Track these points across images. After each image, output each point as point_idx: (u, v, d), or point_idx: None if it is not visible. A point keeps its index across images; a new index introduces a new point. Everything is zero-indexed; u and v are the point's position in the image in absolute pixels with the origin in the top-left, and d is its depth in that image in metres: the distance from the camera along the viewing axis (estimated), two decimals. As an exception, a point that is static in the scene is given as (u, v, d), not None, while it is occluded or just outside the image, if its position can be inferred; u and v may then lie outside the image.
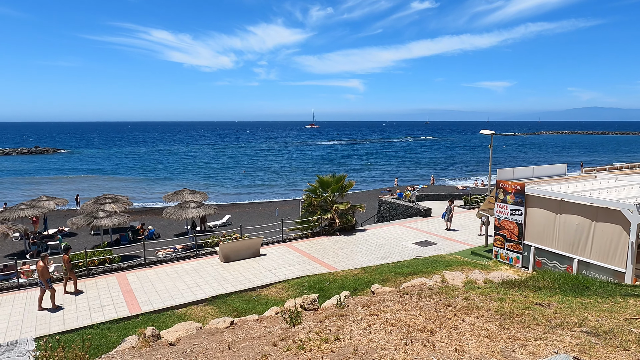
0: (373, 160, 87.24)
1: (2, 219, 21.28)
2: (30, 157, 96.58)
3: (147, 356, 5.63)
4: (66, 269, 14.48)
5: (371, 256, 18.28)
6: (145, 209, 38.45)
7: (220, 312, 12.53)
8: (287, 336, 5.58)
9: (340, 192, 23.11)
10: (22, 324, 12.32)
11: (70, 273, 14.54)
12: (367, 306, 6.87)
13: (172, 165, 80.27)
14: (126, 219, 22.46)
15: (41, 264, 13.32)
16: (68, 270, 14.49)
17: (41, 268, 13.21)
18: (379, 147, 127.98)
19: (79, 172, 68.89)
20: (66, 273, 14.59)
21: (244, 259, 17.95)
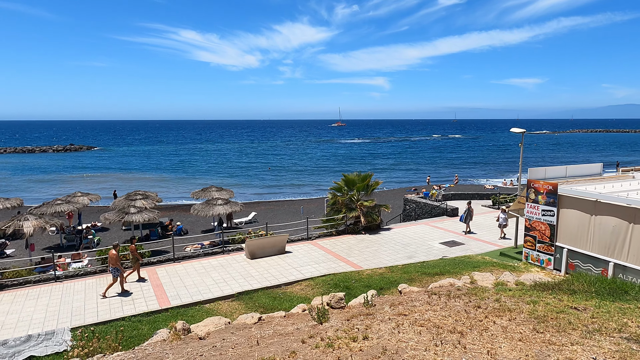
0: (399, 159, 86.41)
1: (40, 213, 22.17)
2: (65, 154, 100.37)
3: (178, 349, 5.76)
4: (133, 258, 15.34)
5: (397, 255, 18.12)
6: (173, 206, 39.33)
7: (247, 308, 12.70)
8: (315, 334, 5.59)
9: (365, 190, 22.99)
10: (59, 314, 12.81)
11: (136, 263, 15.42)
12: (395, 306, 6.80)
13: (199, 163, 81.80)
14: (156, 215, 23.03)
15: (113, 252, 14.16)
16: (135, 260, 15.35)
17: (114, 256, 14.04)
18: (405, 145, 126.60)
19: (110, 170, 71.13)
20: (134, 262, 15.46)
21: (270, 256, 18.11)
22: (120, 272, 14.22)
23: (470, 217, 21.14)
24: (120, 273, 14.22)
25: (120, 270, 14.20)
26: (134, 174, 64.95)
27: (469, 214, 21.05)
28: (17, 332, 11.57)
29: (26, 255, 20.81)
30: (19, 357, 10.13)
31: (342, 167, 70.63)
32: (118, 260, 14.10)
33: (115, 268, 14.09)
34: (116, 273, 14.16)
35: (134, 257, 15.42)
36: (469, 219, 21.05)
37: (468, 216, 21.04)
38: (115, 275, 14.18)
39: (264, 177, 61.32)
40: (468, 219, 21.04)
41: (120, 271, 14.23)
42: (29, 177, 61.14)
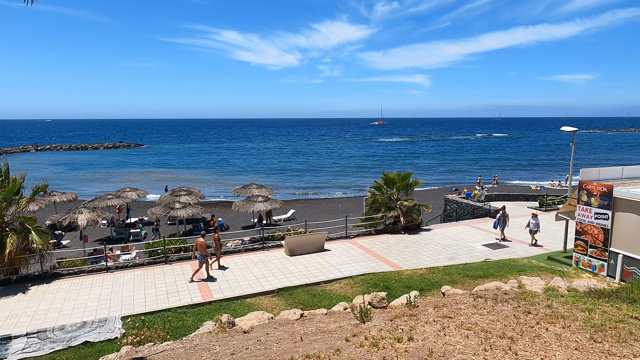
0: (440, 158, 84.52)
1: (93, 207, 23.42)
2: (115, 150, 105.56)
3: (224, 342, 5.91)
4: (216, 247, 16.16)
5: (437, 256, 17.75)
6: (215, 202, 40.40)
7: (287, 304, 12.85)
8: (358, 332, 5.57)
9: (405, 190, 22.65)
10: (110, 303, 13.49)
11: (218, 251, 16.23)
12: (439, 308, 6.66)
13: (238, 160, 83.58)
14: (199, 211, 23.74)
15: (201, 240, 15.00)
16: (218, 248, 16.18)
17: (202, 243, 14.91)
18: (446, 144, 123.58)
19: (155, 166, 74.08)
20: (217, 250, 16.29)
21: (309, 253, 18.23)
22: (206, 259, 15.12)
23: (506, 223, 19.67)
24: (206, 260, 15.12)
25: (206, 257, 15.10)
26: (177, 171, 67.30)
27: (503, 220, 19.59)
28: (73, 319, 12.28)
29: (80, 246, 22.06)
30: (75, 341, 10.76)
31: (381, 166, 70.00)
32: (205, 248, 15.00)
33: (202, 255, 15.00)
34: (202, 260, 15.03)
35: (217, 246, 16.27)
36: (503, 225, 19.59)
37: (503, 222, 19.55)
38: (201, 262, 15.09)
39: (302, 176, 61.79)
40: (503, 225, 19.56)
41: (207, 258, 15.13)
42: (82, 173, 64.78)
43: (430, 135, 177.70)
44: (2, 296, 14.02)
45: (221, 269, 16.34)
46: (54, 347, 10.52)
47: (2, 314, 12.67)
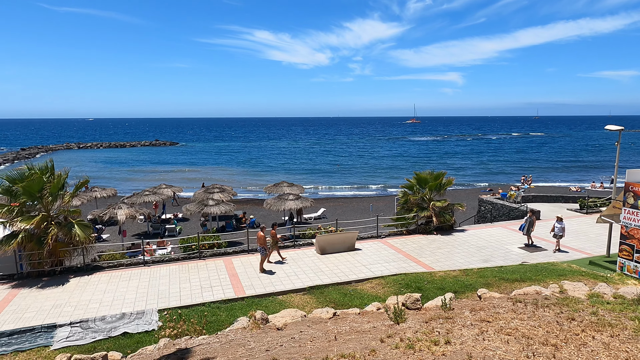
0: (474, 158, 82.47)
1: (131, 203, 24.25)
2: (152, 148, 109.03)
3: (259, 338, 5.97)
4: (273, 242, 16.66)
5: (471, 258, 17.32)
6: (246, 199, 41.00)
7: (318, 302, 12.87)
8: (393, 333, 5.50)
9: (438, 189, 22.22)
10: (147, 296, 13.91)
11: (275, 246, 16.77)
12: (476, 311, 6.48)
13: (270, 159, 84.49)
14: (231, 208, 24.15)
15: (261, 234, 15.77)
16: (274, 243, 16.71)
17: (262, 237, 15.66)
18: (480, 143, 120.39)
19: (189, 164, 75.99)
20: (274, 245, 16.80)
21: (339, 252, 18.19)
22: (265, 252, 15.82)
23: (532, 227, 18.59)
24: (265, 252, 15.78)
25: (265, 250, 15.78)
26: (210, 169, 68.76)
27: (530, 225, 18.56)
28: (113, 310, 12.76)
29: (119, 240, 22.90)
30: (115, 332, 11.18)
31: (412, 165, 69.04)
32: (265, 241, 15.71)
33: (262, 247, 15.72)
34: (263, 252, 15.80)
35: (274, 241, 16.74)
36: (530, 230, 18.59)
37: (530, 227, 18.54)
38: (263, 254, 15.84)
39: (333, 174, 61.80)
40: (529, 229, 18.56)
41: (266, 251, 15.80)
42: (121, 170, 67.26)
43: (464, 134, 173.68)
44: (47, 286, 14.74)
45: (278, 263, 16.80)
46: (95, 337, 10.97)
47: (47, 303, 13.32)
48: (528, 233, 18.64)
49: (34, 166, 16.56)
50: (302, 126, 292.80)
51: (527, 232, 18.64)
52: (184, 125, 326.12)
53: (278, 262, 16.90)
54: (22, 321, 12.06)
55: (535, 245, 18.67)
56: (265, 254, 15.92)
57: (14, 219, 15.42)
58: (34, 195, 15.82)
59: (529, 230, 18.57)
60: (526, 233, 18.67)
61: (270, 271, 15.98)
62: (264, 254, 15.91)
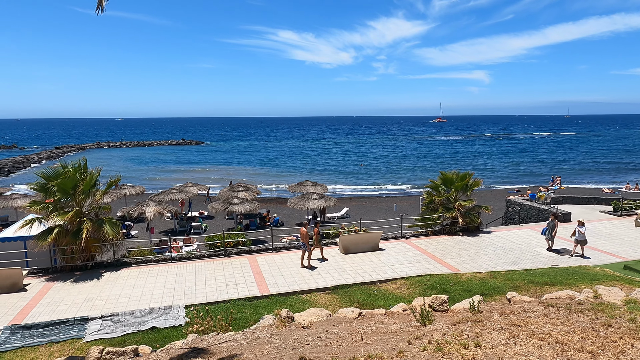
0: (501, 158, 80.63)
1: (158, 200, 24.81)
2: (178, 147, 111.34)
3: (285, 336, 6.00)
4: (315, 239, 16.84)
5: (498, 260, 16.94)
6: (270, 198, 41.32)
7: (342, 302, 12.84)
8: (420, 335, 5.42)
9: (464, 190, 21.82)
10: (174, 292, 14.20)
11: (317, 244, 16.95)
12: (506, 315, 6.32)
13: (293, 158, 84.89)
14: (256, 206, 24.39)
15: (303, 229, 16.01)
16: (316, 241, 16.89)
17: (304, 233, 15.87)
18: (508, 143, 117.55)
19: (214, 163, 77.21)
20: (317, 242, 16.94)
21: (363, 252, 18.10)
22: (307, 248, 16.04)
23: (554, 232, 17.77)
24: (306, 248, 16.06)
25: (308, 246, 16.09)
26: (234, 168, 69.66)
27: (552, 228, 17.64)
28: (141, 305, 13.08)
29: (147, 237, 23.46)
30: (144, 326, 11.46)
31: (438, 165, 68.11)
32: (307, 237, 15.99)
33: (304, 243, 16.03)
34: (305, 248, 16.10)
35: (317, 238, 16.90)
36: (551, 234, 17.79)
37: (551, 231, 17.77)
38: (305, 249, 16.16)
39: (356, 174, 61.60)
40: (550, 233, 17.78)
41: (308, 247, 16.09)
42: (149, 168, 68.94)
43: (491, 133, 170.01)
44: (80, 280, 15.25)
45: (321, 261, 16.97)
46: (125, 331, 11.27)
47: (80, 297, 13.77)
48: (550, 237, 17.90)
49: (68, 164, 17.15)
50: (325, 125, 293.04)
51: (549, 237, 17.93)
52: (209, 124, 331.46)
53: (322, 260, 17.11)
54: (56, 314, 12.52)
55: (559, 250, 17.92)
56: (307, 249, 16.18)
57: (50, 215, 16.01)
58: (67, 193, 16.38)
59: (550, 234, 17.84)
60: (548, 237, 17.95)
61: (312, 266, 16.28)
62: (305, 249, 16.18)
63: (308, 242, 16.18)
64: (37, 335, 11.12)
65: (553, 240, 17.93)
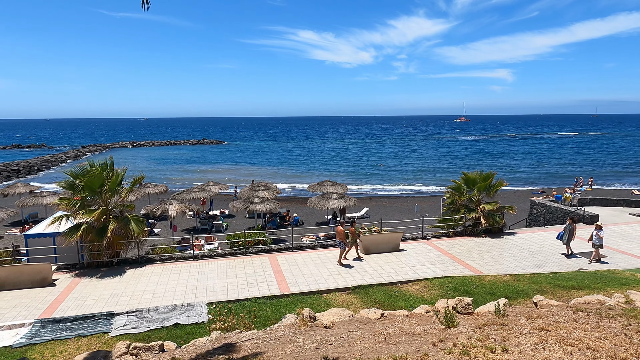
0: (525, 158, 78.91)
1: (181, 199, 25.22)
2: (199, 147, 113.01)
3: (307, 335, 6.01)
4: (352, 238, 16.99)
5: (522, 263, 16.59)
6: (290, 197, 41.49)
7: (363, 302, 12.79)
8: (445, 338, 5.35)
9: (487, 191, 21.45)
10: (196, 289, 14.40)
11: (354, 243, 17.09)
12: (533, 319, 6.18)
13: (312, 158, 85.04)
14: (276, 206, 24.53)
15: (340, 228, 16.35)
16: (353, 239, 17.03)
17: (341, 232, 16.23)
18: (533, 143, 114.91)
19: (234, 162, 78.03)
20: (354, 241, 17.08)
21: (384, 252, 17.99)
22: (343, 246, 16.28)
23: (572, 237, 17.05)
24: (343, 247, 16.24)
25: (344, 245, 16.27)
26: (254, 167, 70.23)
27: (569, 234, 16.91)
28: (165, 301, 13.31)
29: (170, 235, 23.89)
30: (168, 322, 11.67)
31: (459, 165, 67.16)
32: (344, 236, 16.22)
33: (341, 242, 16.24)
34: (342, 246, 16.30)
35: (353, 238, 17.00)
36: (569, 239, 17.03)
37: (568, 236, 16.93)
38: (342, 248, 16.32)
39: (375, 174, 61.30)
40: (569, 238, 17.02)
41: (344, 245, 16.27)
42: (171, 167, 70.18)
43: (515, 133, 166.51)
44: (105, 276, 15.63)
45: (358, 260, 17.04)
46: (149, 326, 11.50)
47: (106, 292, 14.12)
48: (567, 243, 17.12)
49: (95, 163, 17.60)
50: (345, 125, 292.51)
51: (566, 242, 17.13)
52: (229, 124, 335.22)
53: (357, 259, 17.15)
54: (83, 308, 12.87)
55: (577, 256, 17.19)
56: (344, 248, 16.32)
57: (77, 212, 16.48)
58: (94, 190, 16.80)
59: (568, 239, 17.07)
60: (565, 243, 17.16)
61: (348, 265, 16.39)
62: (343, 248, 16.32)
63: (345, 241, 16.32)
64: (66, 329, 11.45)
65: (569, 245, 17.19)
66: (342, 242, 16.34)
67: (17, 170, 58.21)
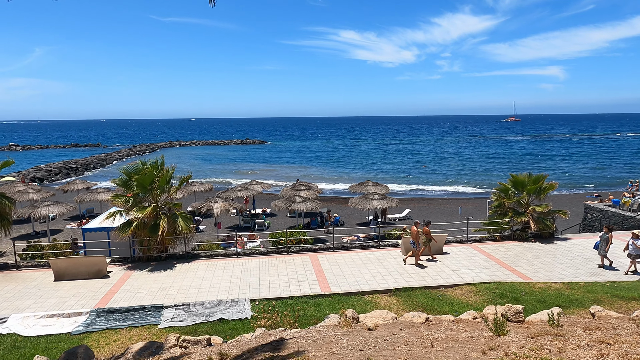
0: (579, 159, 74.71)
1: (225, 197, 25.90)
2: (242, 146, 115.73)
3: (351, 337, 5.98)
4: (426, 239, 16.99)
5: (576, 270, 15.72)
6: (331, 197, 41.56)
7: (405, 305, 12.60)
8: (495, 346, 5.15)
9: (537, 194, 20.51)
10: (240, 286, 14.74)
11: (428, 243, 17.05)
12: (591, 330, 5.82)
13: (353, 157, 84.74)
14: (317, 205, 24.65)
15: (414, 228, 16.45)
16: (428, 240, 17.04)
17: (415, 232, 16.32)
18: (589, 143, 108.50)
19: (276, 161, 79.22)
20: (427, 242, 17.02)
21: (426, 255, 17.62)
22: (417, 247, 16.28)
23: (607, 246, 15.71)
24: (417, 247, 16.29)
25: (417, 245, 16.35)
26: (295, 167, 70.96)
27: (605, 242, 15.66)
28: (210, 296, 13.73)
29: (214, 232, 24.60)
30: (213, 317, 12.02)
31: (507, 166, 64.65)
32: (417, 236, 16.27)
33: (414, 242, 16.26)
34: (415, 246, 16.32)
35: (428, 239, 16.92)
36: (604, 249, 15.75)
37: (604, 245, 15.68)
38: (415, 248, 16.35)
39: (418, 175, 60.19)
40: (604, 248, 15.71)
41: (418, 246, 16.34)
42: (216, 165, 72.34)
43: (567, 133, 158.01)
44: (155, 270, 16.34)
45: (432, 261, 16.94)
46: (195, 320, 11.90)
47: (155, 286, 14.75)
48: (603, 253, 15.85)
49: (146, 161, 18.43)
50: (387, 125, 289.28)
51: (602, 252, 15.86)
52: (272, 124, 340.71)
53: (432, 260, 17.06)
54: (134, 300, 13.51)
55: (614, 268, 15.87)
56: (416, 248, 16.25)
57: (130, 209, 17.33)
58: (145, 188, 17.60)
59: (604, 249, 15.77)
60: (601, 253, 15.91)
61: (421, 265, 16.36)
62: (415, 248, 16.26)
63: (418, 241, 16.24)
64: (119, 319, 12.07)
65: (606, 255, 15.97)
66: (415, 242, 16.25)
67: (75, 168, 62.05)
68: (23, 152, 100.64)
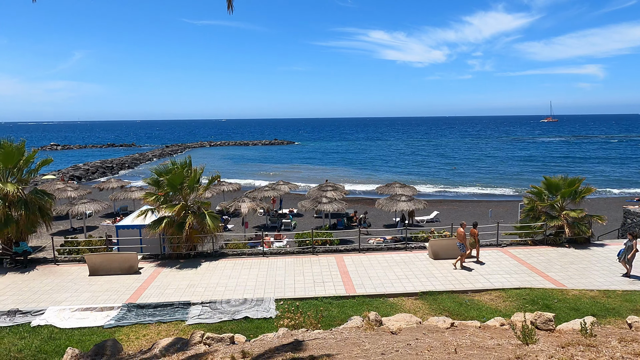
0: (618, 162, 71.40)
1: (253, 197, 26.23)
2: (271, 147, 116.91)
3: (373, 339, 5.93)
4: (473, 241, 16.98)
5: (613, 278, 15.02)
6: (357, 198, 41.38)
7: (431, 309, 12.39)
8: (522, 355, 4.98)
9: (573, 197, 19.72)
10: (265, 285, 14.88)
11: (476, 245, 17.03)
12: (626, 342, 5.54)
13: (380, 158, 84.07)
14: (343, 206, 24.59)
15: (460, 230, 16.25)
16: (476, 241, 17.01)
17: (461, 233, 16.11)
18: (630, 145, 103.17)
19: (303, 162, 79.60)
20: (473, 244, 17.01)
21: (454, 258, 17.27)
22: (464, 249, 16.06)
23: (633, 256, 14.72)
24: (463, 249, 16.08)
25: (464, 247, 16.17)
26: (322, 167, 71.07)
27: (630, 250, 14.69)
28: (236, 294, 13.93)
29: (242, 231, 24.96)
30: (238, 315, 12.19)
31: (540, 168, 62.55)
32: (464, 238, 16.13)
33: (461, 244, 16.06)
34: (462, 248, 16.13)
35: (474, 241, 16.85)
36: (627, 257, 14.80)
37: (628, 252, 14.75)
38: (462, 250, 16.17)
39: (447, 176, 59.09)
40: (627, 256, 14.77)
41: (465, 248, 16.17)
42: (244, 166, 73.40)
43: (606, 134, 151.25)
44: (184, 268, 16.72)
45: (478, 263, 16.74)
46: (221, 318, 12.10)
47: (183, 283, 15.10)
48: (627, 261, 14.90)
49: (176, 161, 18.91)
50: (416, 126, 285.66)
51: (626, 260, 14.90)
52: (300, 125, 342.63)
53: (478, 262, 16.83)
54: (163, 296, 13.87)
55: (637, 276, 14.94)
56: (464, 250, 16.00)
57: (160, 207, 17.81)
58: (175, 187, 18.05)
59: (630, 257, 14.78)
60: (624, 260, 14.99)
61: (468, 268, 16.13)
62: (463, 251, 16.03)
63: (465, 243, 15.96)
64: (148, 314, 12.43)
65: (631, 264, 15.04)
66: (462, 244, 15.97)
67: (111, 167, 64.37)
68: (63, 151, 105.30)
